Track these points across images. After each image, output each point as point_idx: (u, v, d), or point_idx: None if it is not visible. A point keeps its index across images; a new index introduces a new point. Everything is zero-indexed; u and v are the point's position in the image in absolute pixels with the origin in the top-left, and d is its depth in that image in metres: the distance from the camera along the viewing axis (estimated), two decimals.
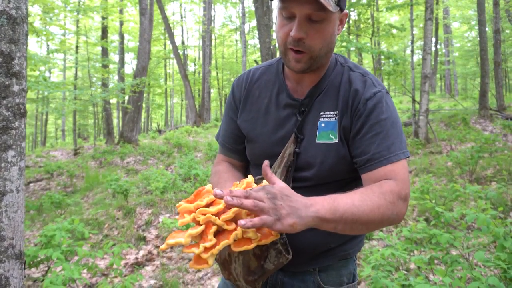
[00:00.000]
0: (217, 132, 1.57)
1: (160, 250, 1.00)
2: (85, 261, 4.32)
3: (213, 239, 0.98)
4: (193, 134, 16.98)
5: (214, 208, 1.01)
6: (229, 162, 1.51)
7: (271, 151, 1.33)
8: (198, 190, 1.14)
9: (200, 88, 28.53)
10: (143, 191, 7.46)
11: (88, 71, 16.02)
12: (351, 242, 1.37)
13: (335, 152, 1.24)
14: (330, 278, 1.35)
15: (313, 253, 1.31)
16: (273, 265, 1.20)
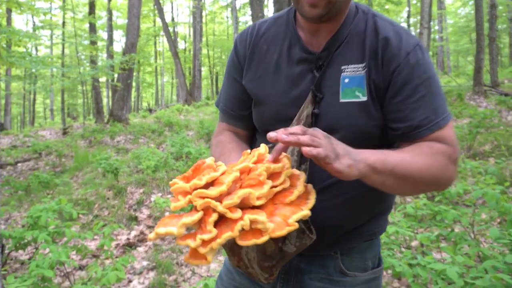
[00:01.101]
0: (217, 98, 1.37)
1: (149, 239, 0.88)
2: (74, 243, 4.15)
3: (213, 230, 0.80)
4: (184, 113, 16.69)
5: (215, 190, 0.83)
6: (232, 131, 1.32)
7: (284, 113, 1.13)
8: (197, 164, 0.95)
9: (190, 66, 28.04)
10: (134, 170, 7.26)
11: (76, 48, 15.56)
12: (378, 220, 1.20)
13: (364, 112, 1.06)
14: (354, 263, 1.19)
15: (336, 233, 1.14)
16: (295, 247, 1.02)
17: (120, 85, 13.92)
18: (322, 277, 1.17)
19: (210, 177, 0.88)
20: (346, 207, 1.10)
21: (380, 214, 1.20)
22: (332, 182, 1.09)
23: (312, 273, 1.18)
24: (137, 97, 35.80)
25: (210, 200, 0.81)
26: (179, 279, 3.74)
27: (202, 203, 0.82)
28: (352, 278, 1.17)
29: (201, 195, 0.83)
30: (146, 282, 3.73)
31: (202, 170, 0.93)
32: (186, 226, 0.81)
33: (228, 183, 0.85)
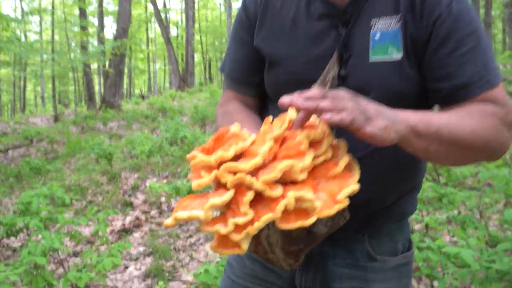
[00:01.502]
0: (221, 63, 1.21)
1: (165, 226, 0.72)
2: (68, 229, 4.02)
3: (249, 212, 0.66)
4: (177, 99, 16.48)
5: (249, 163, 0.68)
6: (240, 100, 1.16)
7: (303, 76, 0.99)
8: (219, 133, 0.79)
9: (183, 53, 27.68)
10: (128, 155, 7.12)
11: (66, 33, 15.23)
12: (409, 198, 1.07)
13: (398, 71, 0.92)
14: (383, 246, 1.06)
15: (365, 212, 1.01)
16: (326, 228, 0.88)
17: (112, 71, 13.68)
18: (348, 262, 1.05)
19: (239, 147, 0.73)
20: (376, 183, 0.97)
21: (411, 192, 1.07)
22: (361, 156, 0.96)
23: (337, 258, 1.06)
24: (129, 84, 35.40)
25: (245, 175, 0.66)
26: (177, 265, 3.64)
27: (234, 180, 0.67)
28: (382, 263, 1.05)
29: (231, 170, 0.68)
30: (143, 268, 3.63)
31: (227, 140, 0.77)
32: (215, 208, 0.67)
33: (263, 153, 0.70)
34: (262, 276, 1.13)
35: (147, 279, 3.46)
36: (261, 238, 0.93)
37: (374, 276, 1.04)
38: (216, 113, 1.18)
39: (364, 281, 1.04)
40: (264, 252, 0.95)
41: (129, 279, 3.48)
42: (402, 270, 1.08)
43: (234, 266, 1.19)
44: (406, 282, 1.10)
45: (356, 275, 1.05)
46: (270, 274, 1.11)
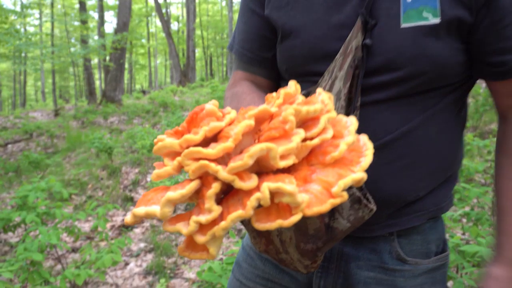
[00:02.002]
0: (230, 41, 1.09)
1: (125, 223, 0.55)
2: (67, 225, 3.92)
3: (214, 209, 0.51)
4: (178, 94, 16.36)
5: (216, 148, 0.53)
6: (250, 80, 1.04)
7: (322, 48, 0.86)
8: (193, 112, 0.63)
9: (184, 48, 27.51)
10: (129, 150, 7.01)
11: (65, 27, 15.09)
12: (444, 190, 0.93)
13: (436, 39, 0.79)
14: (414, 246, 0.92)
15: (395, 206, 0.88)
16: (349, 222, 0.75)
17: (112, 65, 13.56)
18: (374, 264, 0.92)
19: (209, 128, 0.57)
20: (406, 171, 0.85)
21: (447, 183, 0.93)
22: (389, 139, 0.84)
23: (361, 260, 0.93)
24: (130, 79, 35.26)
25: (208, 162, 0.52)
26: (179, 262, 3.53)
27: (196, 167, 0.52)
28: (413, 267, 0.92)
29: (194, 156, 0.54)
30: (144, 265, 3.52)
31: (201, 121, 0.62)
32: (174, 204, 0.53)
33: (236, 135, 0.55)
34: (274, 278, 1.00)
35: (148, 276, 3.36)
36: (272, 235, 0.80)
37: (403, 282, 0.91)
38: (224, 96, 1.05)
39: (392, 287, 0.92)
40: (276, 251, 0.82)
41: (129, 276, 3.37)
42: (436, 274, 0.95)
43: (243, 267, 1.07)
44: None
45: (383, 280, 0.92)
46: (284, 276, 0.99)
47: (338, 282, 0.94)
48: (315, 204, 0.53)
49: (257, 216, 0.53)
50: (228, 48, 1.09)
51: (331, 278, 0.94)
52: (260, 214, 0.53)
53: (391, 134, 0.83)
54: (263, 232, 0.83)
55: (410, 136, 0.84)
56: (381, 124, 0.83)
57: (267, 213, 0.53)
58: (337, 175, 0.56)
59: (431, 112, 0.85)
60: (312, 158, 0.60)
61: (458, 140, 0.93)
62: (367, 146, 0.61)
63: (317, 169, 0.58)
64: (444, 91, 0.85)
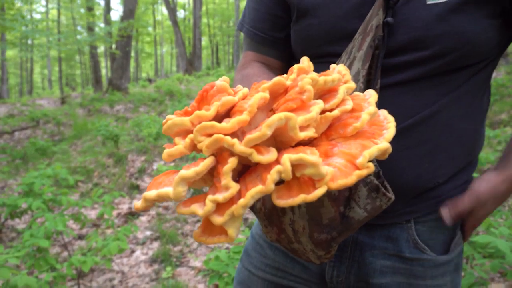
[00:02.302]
0: (239, 20, 1.04)
1: (136, 209, 0.52)
2: (73, 212, 3.92)
3: (231, 185, 0.47)
4: (185, 82, 16.31)
5: (230, 121, 0.49)
6: (262, 62, 0.99)
7: (341, 28, 0.81)
8: (203, 90, 0.59)
9: (190, 36, 27.38)
10: (135, 138, 6.99)
11: (72, 13, 15.04)
12: (464, 175, 0.89)
13: (465, 15, 0.74)
14: (433, 234, 0.88)
15: (413, 193, 0.84)
16: (365, 212, 0.71)
17: (118, 53, 13.51)
18: (391, 253, 0.88)
19: (222, 103, 0.53)
20: (427, 157, 0.81)
21: (467, 168, 0.89)
22: (415, 122, 0.79)
23: (376, 249, 0.88)
24: (136, 68, 35.21)
25: (223, 136, 0.47)
26: (185, 250, 3.52)
27: (210, 142, 0.48)
28: (432, 256, 0.87)
29: (207, 131, 0.49)
30: (150, 253, 3.51)
31: (211, 98, 0.57)
32: (188, 183, 0.49)
33: (251, 108, 0.50)
34: (285, 268, 0.97)
35: (154, 264, 3.35)
36: (284, 224, 0.76)
37: (423, 271, 0.87)
38: (234, 78, 1.01)
39: (411, 277, 0.87)
40: (288, 241, 0.78)
41: (135, 264, 3.37)
42: (457, 263, 0.91)
43: (252, 256, 1.03)
44: (458, 279, 0.93)
45: (401, 269, 0.87)
46: (295, 265, 0.95)
47: (352, 271, 0.91)
48: (339, 177, 0.49)
49: (277, 193, 0.49)
50: (237, 27, 1.04)
51: (344, 267, 0.91)
52: (281, 190, 0.49)
53: (412, 118, 0.79)
54: (275, 221, 0.80)
55: (432, 120, 0.80)
56: (401, 107, 0.78)
57: (288, 189, 0.49)
58: (361, 147, 0.52)
59: (455, 95, 0.80)
60: (332, 133, 0.56)
61: (480, 125, 0.88)
62: (388, 119, 0.58)
63: (338, 143, 0.55)
64: (469, 72, 0.80)
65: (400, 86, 0.79)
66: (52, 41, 12.12)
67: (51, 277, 2.46)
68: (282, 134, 0.51)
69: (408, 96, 0.79)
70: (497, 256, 2.00)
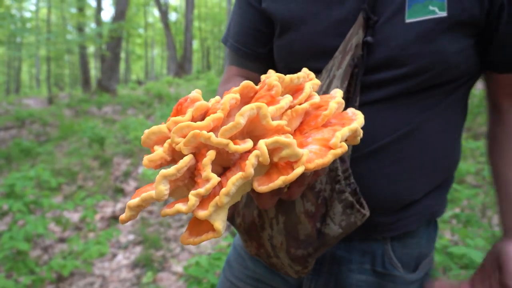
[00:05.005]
0: (224, 33, 1.05)
1: (121, 221, 0.54)
2: (55, 214, 3.88)
3: (211, 177, 0.49)
4: (174, 86, 16.25)
5: (206, 120, 0.52)
6: (244, 76, 1.01)
7: (322, 44, 0.83)
8: (178, 104, 0.62)
9: (181, 39, 27.34)
10: (122, 140, 6.96)
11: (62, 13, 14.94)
12: (440, 193, 0.91)
13: (443, 32, 0.76)
14: (407, 250, 0.90)
15: (390, 210, 0.86)
16: (340, 228, 0.74)
17: (108, 54, 13.44)
18: (366, 268, 0.90)
19: (196, 107, 0.56)
20: (403, 174, 0.83)
21: (442, 186, 0.91)
22: (393, 140, 0.81)
23: (353, 263, 0.90)
24: (126, 69, 35.03)
25: (199, 131, 0.50)
26: (167, 255, 3.51)
27: (187, 139, 0.51)
28: (405, 272, 0.90)
29: (184, 131, 0.52)
30: (132, 257, 3.50)
31: (185, 109, 0.60)
32: (169, 180, 0.50)
33: (223, 106, 0.54)
34: (265, 279, 0.99)
35: (135, 268, 3.34)
36: (263, 239, 0.78)
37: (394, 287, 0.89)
38: (217, 92, 1.02)
39: None
40: (267, 255, 0.80)
41: (117, 268, 3.35)
42: (426, 279, 0.93)
43: (233, 267, 1.05)
44: None
45: (374, 284, 0.90)
46: (275, 277, 0.97)
47: (330, 285, 0.93)
48: (315, 158, 0.52)
49: (258, 182, 0.52)
50: (222, 41, 1.05)
51: (322, 280, 0.92)
52: (261, 179, 0.52)
53: (390, 136, 0.81)
54: (254, 236, 0.82)
55: (410, 138, 0.82)
56: (380, 125, 0.80)
57: (268, 176, 0.52)
58: (333, 131, 0.56)
59: (433, 112, 0.82)
60: (305, 127, 0.60)
61: (457, 142, 0.91)
62: (356, 113, 0.62)
63: (311, 133, 0.58)
64: (447, 89, 0.82)
65: (378, 104, 0.81)
66: (41, 40, 12.01)
67: (30, 280, 2.45)
68: (256, 126, 0.54)
69: (386, 114, 0.81)
70: (472, 266, 2.04)
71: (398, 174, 0.82)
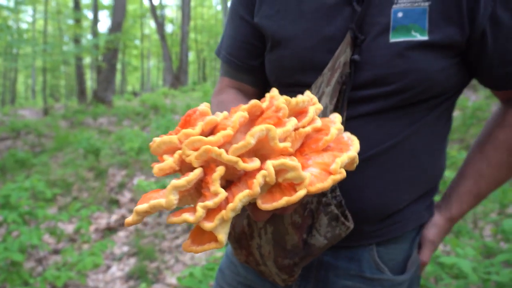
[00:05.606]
0: (218, 45, 1.09)
1: (126, 225, 0.57)
2: (50, 226, 3.88)
3: (219, 191, 0.53)
4: (170, 97, 16.29)
5: (216, 135, 0.56)
6: (237, 88, 1.05)
7: (311, 60, 0.87)
8: (186, 115, 0.65)
9: (177, 51, 27.48)
10: (117, 152, 6.97)
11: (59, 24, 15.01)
12: (425, 201, 0.95)
13: (425, 53, 0.80)
14: (392, 255, 0.94)
15: (375, 218, 0.89)
16: (325, 239, 0.78)
17: (104, 65, 13.49)
18: (352, 273, 0.93)
19: (206, 122, 0.60)
20: (390, 184, 0.87)
21: (427, 195, 0.95)
22: (379, 152, 0.85)
23: (339, 269, 0.93)
24: (122, 81, 35.07)
25: (211, 147, 0.54)
26: (161, 267, 3.51)
27: (199, 153, 0.54)
28: (391, 276, 0.93)
29: (195, 145, 0.55)
30: (126, 269, 3.50)
31: (195, 121, 0.63)
32: (180, 191, 0.54)
33: (233, 123, 0.57)
34: (256, 285, 1.02)
35: (129, 280, 3.34)
36: (252, 248, 0.82)
37: None
38: (210, 102, 1.06)
39: None
40: (256, 263, 0.84)
41: (111, 280, 3.35)
42: (412, 280, 0.97)
43: (226, 274, 1.09)
44: None
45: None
46: (265, 283, 1.00)
47: None
48: (316, 182, 0.56)
49: (262, 199, 0.55)
50: (215, 52, 1.09)
51: (310, 286, 0.95)
52: (265, 197, 0.56)
53: (376, 148, 0.85)
54: (244, 244, 0.86)
55: (395, 150, 0.85)
56: (366, 138, 0.83)
57: (271, 195, 0.56)
58: (332, 157, 0.60)
59: (418, 126, 0.86)
60: (305, 149, 0.63)
61: (441, 153, 0.95)
62: (352, 139, 0.66)
63: (312, 156, 0.62)
64: (432, 104, 0.86)
65: (365, 118, 0.85)
66: (37, 51, 12.05)
67: None
68: (263, 146, 0.58)
69: (372, 127, 0.85)
70: (462, 276, 2.06)
71: (384, 186, 0.86)
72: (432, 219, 0.97)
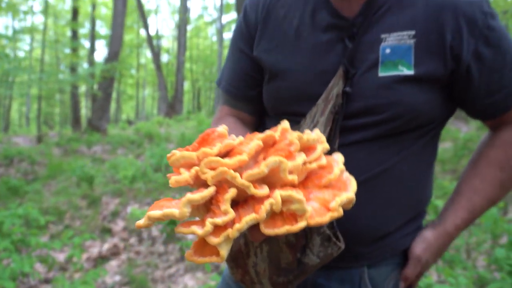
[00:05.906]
0: (218, 76, 1.17)
1: (137, 227, 0.63)
2: (42, 253, 3.84)
3: (229, 211, 0.58)
4: (165, 126, 16.37)
5: (233, 159, 0.61)
6: (235, 116, 1.11)
7: (306, 91, 0.94)
8: (205, 134, 0.72)
9: (173, 80, 27.81)
10: (111, 180, 6.95)
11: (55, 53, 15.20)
12: (413, 225, 0.99)
13: (411, 86, 0.87)
14: (382, 277, 0.97)
15: (366, 240, 0.94)
16: (318, 258, 0.82)
17: (100, 94, 13.59)
18: None
19: (224, 145, 0.66)
20: (380, 208, 0.92)
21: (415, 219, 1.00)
22: (365, 178, 0.90)
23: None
24: (117, 109, 35.23)
25: (227, 169, 0.59)
26: None
27: (215, 174, 0.60)
28: None
29: (213, 165, 0.61)
30: None
31: (212, 141, 0.70)
32: (192, 205, 0.60)
33: (250, 151, 0.63)
34: None
35: None
36: (248, 266, 0.86)
37: None
38: None
39: None
40: (251, 282, 0.88)
41: None
42: None
43: None
44: None
45: None
46: None
47: None
48: (316, 216, 0.61)
49: (265, 224, 0.61)
50: (216, 82, 1.16)
51: None
52: (267, 222, 0.61)
53: (366, 174, 0.90)
54: (240, 263, 0.90)
55: (384, 176, 0.91)
56: (356, 164, 0.88)
57: (273, 221, 0.61)
58: (333, 195, 0.66)
59: (405, 153, 0.92)
60: (308, 183, 0.69)
61: (428, 179, 1.01)
62: (350, 179, 0.72)
63: (314, 191, 0.68)
64: (419, 133, 0.93)
65: (355, 145, 0.91)
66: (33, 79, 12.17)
67: None
68: (274, 175, 0.63)
69: (363, 154, 0.90)
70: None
71: (374, 209, 0.91)
72: (421, 234, 0.98)
